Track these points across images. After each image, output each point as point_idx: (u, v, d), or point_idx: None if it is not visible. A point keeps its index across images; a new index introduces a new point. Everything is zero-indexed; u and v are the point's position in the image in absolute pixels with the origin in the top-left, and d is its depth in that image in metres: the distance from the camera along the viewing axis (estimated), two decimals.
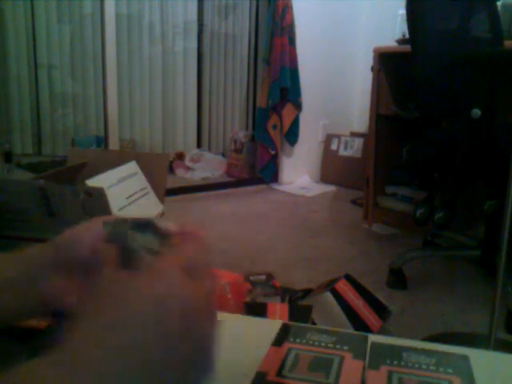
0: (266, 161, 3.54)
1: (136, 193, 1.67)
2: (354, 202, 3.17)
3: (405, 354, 0.48)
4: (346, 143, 3.65)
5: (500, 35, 1.55)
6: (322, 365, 0.46)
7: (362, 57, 3.58)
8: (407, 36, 1.76)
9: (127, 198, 1.60)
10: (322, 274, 1.96)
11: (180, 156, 4.01)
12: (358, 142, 3.58)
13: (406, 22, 1.73)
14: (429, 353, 0.49)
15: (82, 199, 1.17)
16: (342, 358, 0.47)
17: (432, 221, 1.96)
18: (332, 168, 3.70)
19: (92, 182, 1.49)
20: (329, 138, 3.74)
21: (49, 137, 4.21)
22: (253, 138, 3.78)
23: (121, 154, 2.52)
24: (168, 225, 0.40)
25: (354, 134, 3.68)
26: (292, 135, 3.52)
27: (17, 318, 0.45)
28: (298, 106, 3.45)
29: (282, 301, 1.50)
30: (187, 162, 3.96)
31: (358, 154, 3.56)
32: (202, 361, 0.32)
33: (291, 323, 0.55)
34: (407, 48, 1.75)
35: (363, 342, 0.50)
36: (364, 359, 0.47)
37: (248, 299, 1.41)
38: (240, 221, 2.75)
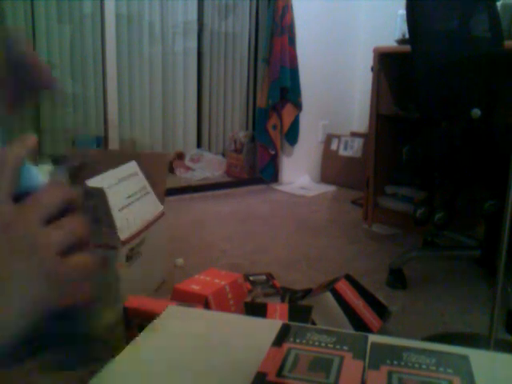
0: (266, 161, 3.54)
1: (136, 193, 1.67)
2: (354, 202, 3.17)
3: (405, 354, 0.48)
4: (346, 143, 3.65)
5: (500, 35, 1.55)
6: (322, 365, 0.46)
7: (361, 57, 3.59)
8: (407, 36, 1.76)
9: (127, 198, 1.60)
10: (322, 274, 1.96)
11: (180, 156, 4.01)
12: (358, 142, 3.58)
13: (406, 22, 1.73)
14: (429, 353, 0.49)
15: (82, 199, 1.16)
16: (342, 358, 0.47)
17: (432, 221, 1.96)
18: (332, 168, 3.70)
19: (92, 182, 1.50)
20: (329, 138, 3.74)
21: (49, 136, 4.21)
22: (253, 138, 3.78)
23: (121, 153, 2.52)
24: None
25: (354, 134, 3.68)
26: (292, 135, 3.52)
27: None
28: (298, 106, 3.45)
29: (282, 301, 1.50)
30: (187, 162, 3.96)
31: (358, 154, 3.56)
32: None
33: (291, 323, 0.55)
34: (407, 48, 1.75)
35: (363, 342, 0.50)
36: (364, 359, 0.47)
37: (248, 299, 1.41)
38: (240, 221, 2.75)
